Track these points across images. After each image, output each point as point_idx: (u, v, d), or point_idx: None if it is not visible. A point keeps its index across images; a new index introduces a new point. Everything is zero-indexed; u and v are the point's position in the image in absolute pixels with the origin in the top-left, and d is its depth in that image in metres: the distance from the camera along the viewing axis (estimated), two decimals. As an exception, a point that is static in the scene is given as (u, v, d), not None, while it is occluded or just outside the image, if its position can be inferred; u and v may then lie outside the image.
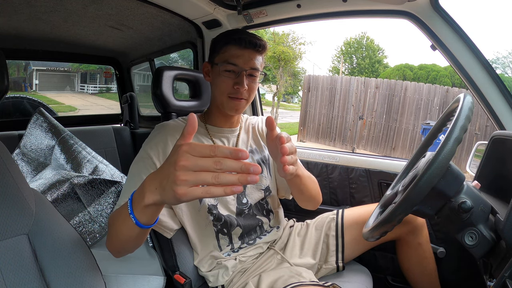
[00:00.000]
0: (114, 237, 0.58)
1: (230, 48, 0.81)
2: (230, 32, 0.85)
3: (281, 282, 0.75)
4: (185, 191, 0.40)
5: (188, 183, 0.40)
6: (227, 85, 0.81)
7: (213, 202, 0.84)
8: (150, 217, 0.49)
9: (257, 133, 0.98)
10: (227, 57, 0.81)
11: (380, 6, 0.98)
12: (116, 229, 0.55)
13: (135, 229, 0.51)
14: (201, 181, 0.39)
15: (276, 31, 11.70)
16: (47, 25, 1.44)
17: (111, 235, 0.59)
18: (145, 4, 1.15)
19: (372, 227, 0.67)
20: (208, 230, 0.84)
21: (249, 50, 0.80)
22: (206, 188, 0.40)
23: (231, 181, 0.39)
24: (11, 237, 0.51)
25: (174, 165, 0.40)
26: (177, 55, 4.35)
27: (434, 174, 0.54)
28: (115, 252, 0.61)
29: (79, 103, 11.26)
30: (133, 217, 0.48)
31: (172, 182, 0.41)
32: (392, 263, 1.16)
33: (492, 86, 0.87)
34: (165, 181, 0.42)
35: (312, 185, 0.87)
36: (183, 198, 0.40)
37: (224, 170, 0.39)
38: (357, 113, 7.47)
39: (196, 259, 0.85)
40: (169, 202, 0.44)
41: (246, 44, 0.80)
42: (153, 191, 0.45)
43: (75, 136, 1.43)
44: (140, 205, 0.47)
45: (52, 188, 1.15)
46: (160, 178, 0.44)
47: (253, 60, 0.81)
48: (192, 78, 1.17)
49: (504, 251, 0.55)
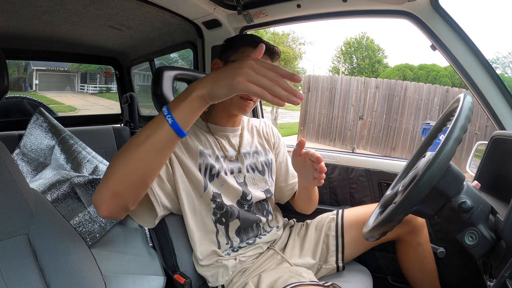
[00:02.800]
0: (126, 163, 0.53)
1: (248, 49, 0.84)
2: (250, 35, 0.92)
3: (281, 282, 0.75)
4: (243, 81, 0.48)
5: (249, 77, 0.48)
6: None
7: (217, 190, 0.84)
8: (188, 116, 0.52)
9: (262, 136, 1.01)
10: (242, 57, 0.83)
11: (380, 6, 0.98)
12: (133, 149, 0.53)
13: (165, 136, 0.52)
14: (260, 82, 0.48)
15: (276, 31, 11.70)
16: (47, 25, 1.44)
17: (118, 165, 0.53)
18: (145, 4, 1.15)
19: (372, 227, 0.67)
20: (207, 218, 0.83)
21: (265, 56, 0.84)
22: (261, 89, 0.48)
23: (280, 94, 0.48)
24: (11, 237, 0.51)
25: (240, 64, 0.49)
26: (177, 55, 4.35)
27: (434, 174, 0.54)
28: (117, 187, 0.54)
29: (79, 103, 11.27)
30: (170, 117, 0.51)
31: (234, 73, 0.48)
32: (392, 263, 1.16)
33: (492, 86, 0.87)
34: (224, 74, 0.50)
35: (317, 192, 0.99)
36: (238, 86, 0.48)
37: (279, 85, 0.48)
38: (357, 113, 7.47)
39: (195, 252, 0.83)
40: (217, 93, 0.50)
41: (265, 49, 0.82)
42: (202, 86, 0.51)
43: (75, 136, 1.43)
44: (184, 101, 0.52)
45: (52, 188, 1.15)
46: (216, 74, 0.51)
47: None
48: (192, 78, 1.16)
49: (504, 251, 0.55)
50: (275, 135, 1.05)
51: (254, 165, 0.94)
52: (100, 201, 0.54)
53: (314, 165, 0.79)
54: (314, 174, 0.80)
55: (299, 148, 0.81)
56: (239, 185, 0.88)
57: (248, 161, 0.93)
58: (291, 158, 0.88)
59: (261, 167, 0.95)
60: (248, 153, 0.94)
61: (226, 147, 0.90)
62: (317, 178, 0.80)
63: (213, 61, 0.91)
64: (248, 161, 0.93)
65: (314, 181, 0.81)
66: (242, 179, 0.91)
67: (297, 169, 0.88)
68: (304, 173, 0.85)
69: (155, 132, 0.53)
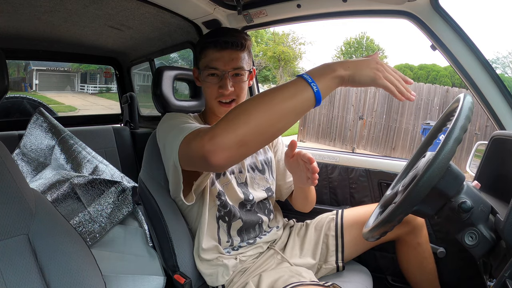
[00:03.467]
0: (263, 117, 0.53)
1: (208, 52, 0.80)
2: (207, 35, 0.83)
3: (281, 282, 0.75)
4: (381, 77, 0.58)
5: (384, 75, 0.58)
6: (213, 89, 0.82)
7: (221, 189, 0.85)
8: (327, 89, 0.56)
9: None
10: (207, 62, 0.81)
11: (380, 6, 0.98)
12: (271, 106, 0.53)
13: (306, 100, 0.54)
14: (391, 80, 0.59)
15: (276, 31, 11.72)
16: (47, 25, 1.44)
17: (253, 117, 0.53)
18: (145, 4, 1.15)
19: (372, 227, 0.67)
20: (212, 213, 0.84)
21: (228, 51, 0.79)
22: (392, 86, 0.59)
23: (403, 91, 0.59)
24: (11, 237, 0.51)
25: (375, 61, 0.59)
26: (177, 55, 4.35)
27: (434, 174, 0.54)
28: (248, 137, 0.53)
29: (79, 103, 11.26)
30: (315, 85, 0.54)
31: (374, 68, 0.58)
32: (392, 263, 1.16)
33: (492, 86, 0.87)
34: (365, 65, 0.58)
35: (314, 191, 1.00)
36: (379, 80, 0.58)
37: (402, 84, 0.60)
38: (357, 113, 7.46)
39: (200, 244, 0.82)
40: (359, 78, 0.57)
41: (223, 45, 0.78)
42: (346, 68, 0.57)
43: (75, 136, 1.43)
44: (327, 76, 0.56)
45: (52, 188, 1.15)
46: (357, 63, 0.58)
47: (235, 60, 0.80)
48: (192, 78, 1.17)
49: (504, 251, 0.55)
50: None
51: (254, 165, 0.95)
52: (222, 148, 0.53)
53: (306, 166, 0.80)
54: (307, 174, 0.81)
55: (290, 149, 0.82)
56: (240, 186, 0.89)
57: (248, 161, 0.93)
58: (284, 160, 0.88)
59: (261, 166, 0.96)
60: None
61: None
62: (310, 178, 0.81)
63: (193, 69, 0.90)
64: (248, 161, 0.93)
65: (308, 181, 0.82)
66: (243, 179, 0.91)
67: (291, 170, 0.89)
68: (298, 174, 0.85)
69: (299, 94, 0.54)
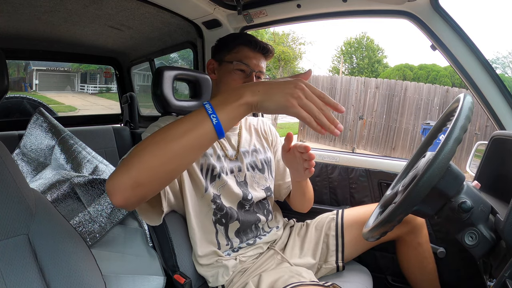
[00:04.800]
0: (158, 155, 0.49)
1: (243, 49, 0.86)
2: (243, 34, 0.94)
3: (281, 282, 0.75)
4: (295, 104, 0.48)
5: (300, 101, 0.48)
6: (237, 83, 0.86)
7: (217, 192, 0.84)
8: (232, 119, 0.51)
9: (260, 134, 1.02)
10: (240, 57, 0.86)
11: (380, 6, 0.98)
12: (167, 142, 0.49)
13: (205, 134, 0.50)
14: (309, 109, 0.49)
15: (276, 31, 11.72)
16: (47, 25, 1.44)
17: (148, 155, 0.49)
18: (145, 4, 1.15)
19: (372, 227, 0.66)
20: (208, 218, 0.84)
21: (260, 54, 0.88)
22: (309, 116, 0.49)
23: (324, 124, 0.49)
24: (11, 237, 0.51)
25: (294, 84, 0.49)
26: (177, 55, 4.35)
27: (434, 174, 0.54)
28: (141, 177, 0.49)
29: (79, 103, 11.27)
30: (215, 117, 0.49)
31: (288, 93, 0.49)
32: (392, 263, 1.16)
33: (492, 86, 0.87)
34: (278, 90, 0.49)
35: (311, 188, 1.00)
36: (290, 108, 0.49)
37: (324, 114, 0.49)
38: (357, 113, 7.46)
39: (196, 252, 0.83)
40: (267, 106, 0.50)
41: (259, 48, 0.87)
42: (255, 92, 0.50)
43: (75, 136, 1.43)
44: (231, 105, 0.50)
45: (52, 188, 1.15)
46: (270, 86, 0.50)
47: (261, 64, 0.89)
48: (192, 78, 1.17)
49: (504, 251, 0.55)
50: (272, 133, 1.05)
51: (254, 164, 0.95)
52: (117, 189, 0.49)
53: (303, 156, 0.80)
54: (304, 164, 0.82)
55: (287, 142, 0.83)
56: (239, 185, 0.89)
57: (248, 159, 0.93)
58: (281, 155, 0.89)
59: (261, 165, 0.96)
60: (247, 152, 0.94)
61: (226, 146, 0.90)
62: (307, 168, 0.82)
63: (208, 61, 0.92)
64: (247, 160, 0.93)
65: (306, 172, 0.83)
66: (243, 178, 0.91)
67: (288, 164, 0.89)
68: (296, 167, 0.86)
69: (195, 128, 0.50)
